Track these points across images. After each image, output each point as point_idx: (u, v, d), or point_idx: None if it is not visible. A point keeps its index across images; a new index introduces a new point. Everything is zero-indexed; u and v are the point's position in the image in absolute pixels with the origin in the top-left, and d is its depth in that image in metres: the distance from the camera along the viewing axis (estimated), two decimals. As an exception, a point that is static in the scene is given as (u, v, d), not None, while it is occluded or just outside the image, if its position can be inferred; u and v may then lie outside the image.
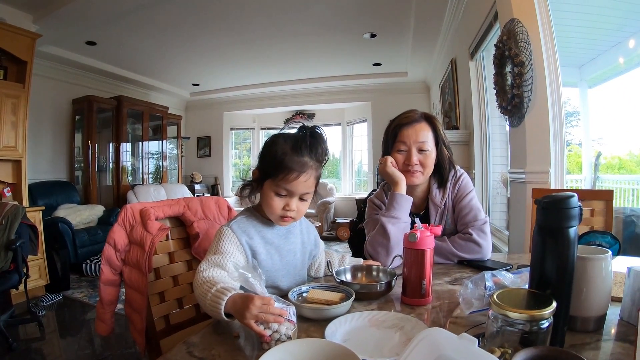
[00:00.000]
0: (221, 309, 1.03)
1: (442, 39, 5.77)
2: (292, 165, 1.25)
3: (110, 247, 1.62)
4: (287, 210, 1.29)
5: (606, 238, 1.73)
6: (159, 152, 8.68)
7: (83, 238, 5.53)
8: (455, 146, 4.42)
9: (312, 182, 1.30)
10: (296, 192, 1.28)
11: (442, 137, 1.82)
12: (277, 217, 1.32)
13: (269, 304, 0.97)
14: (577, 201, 0.86)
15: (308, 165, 1.27)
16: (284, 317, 0.97)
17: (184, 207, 1.77)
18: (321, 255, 1.63)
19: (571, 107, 5.13)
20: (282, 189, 1.27)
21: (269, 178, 1.29)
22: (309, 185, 1.29)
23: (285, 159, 1.25)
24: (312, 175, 1.29)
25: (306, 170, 1.26)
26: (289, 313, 1.00)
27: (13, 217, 3.57)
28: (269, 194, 1.29)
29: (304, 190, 1.29)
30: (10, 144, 4.57)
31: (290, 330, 0.98)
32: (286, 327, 0.98)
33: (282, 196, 1.28)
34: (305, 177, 1.26)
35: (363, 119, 9.52)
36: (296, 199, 1.30)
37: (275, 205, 1.29)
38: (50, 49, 6.02)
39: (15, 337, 3.44)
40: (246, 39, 6.15)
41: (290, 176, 1.24)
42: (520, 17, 2.69)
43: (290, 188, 1.26)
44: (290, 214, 1.30)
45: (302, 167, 1.26)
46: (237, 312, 1.00)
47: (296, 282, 1.44)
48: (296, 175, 1.25)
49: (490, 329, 0.80)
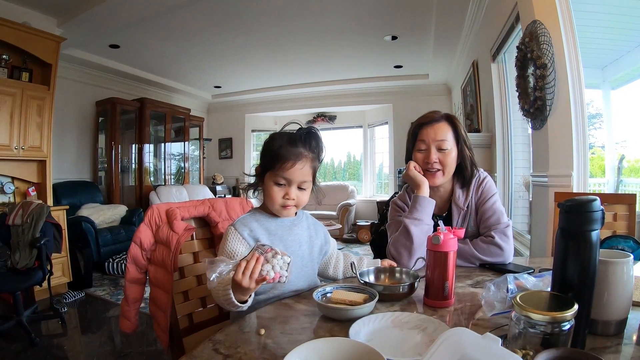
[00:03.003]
0: (231, 295, 1.16)
1: (464, 40, 5.72)
2: (287, 155, 1.35)
3: (137, 246, 1.66)
4: (287, 199, 1.39)
5: (629, 242, 1.72)
6: (181, 153, 8.77)
7: (106, 237, 5.61)
8: (477, 149, 4.40)
9: (308, 171, 1.40)
10: (294, 180, 1.37)
11: (463, 137, 1.82)
12: (279, 206, 1.40)
13: (240, 267, 1.11)
14: (599, 205, 0.87)
15: (303, 155, 1.37)
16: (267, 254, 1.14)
17: (209, 208, 1.81)
18: (334, 252, 1.66)
19: (594, 109, 5.05)
20: (281, 178, 1.37)
21: (269, 171, 1.39)
22: (305, 174, 1.38)
23: (281, 150, 1.36)
24: (307, 164, 1.39)
25: (301, 159, 1.37)
26: (271, 254, 1.14)
27: (38, 215, 3.66)
28: (269, 185, 1.39)
29: (301, 178, 1.38)
30: (35, 144, 4.67)
31: (281, 262, 1.15)
32: (276, 261, 1.14)
33: (281, 185, 1.38)
34: (301, 164, 1.36)
35: (384, 121, 9.48)
36: (295, 187, 1.39)
37: (276, 195, 1.38)
38: (74, 52, 6.12)
39: (38, 333, 3.52)
40: (267, 41, 6.19)
41: (287, 164, 1.35)
42: (542, 18, 2.67)
43: (287, 176, 1.36)
44: (290, 202, 1.39)
45: (297, 156, 1.36)
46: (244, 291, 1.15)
47: (305, 274, 1.48)
48: (292, 163, 1.35)
49: (513, 330, 0.81)
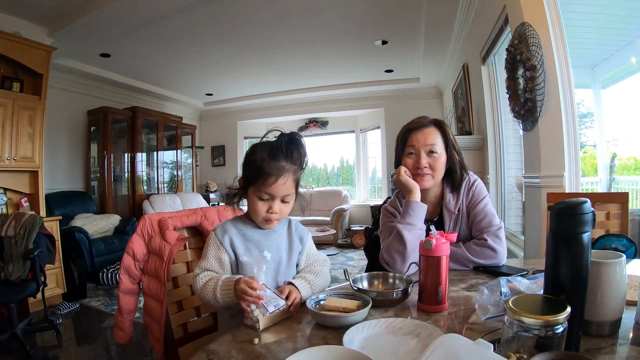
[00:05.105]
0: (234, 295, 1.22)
1: (454, 44, 5.76)
2: (269, 170, 1.34)
3: (129, 257, 1.66)
4: (270, 212, 1.39)
5: (622, 241, 1.73)
6: (174, 161, 8.76)
7: (99, 247, 5.60)
8: (469, 151, 4.42)
9: (291, 185, 1.40)
10: (277, 195, 1.37)
11: (451, 141, 1.83)
12: (262, 219, 1.41)
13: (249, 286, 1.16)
14: (590, 207, 0.87)
15: (285, 169, 1.36)
16: (259, 302, 1.17)
17: (202, 217, 1.80)
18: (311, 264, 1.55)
19: (585, 109, 5.08)
20: (264, 193, 1.37)
21: (251, 185, 1.39)
22: (287, 188, 1.38)
23: (263, 165, 1.35)
24: (289, 178, 1.38)
25: (283, 174, 1.36)
26: (268, 301, 1.18)
27: (31, 226, 3.63)
28: (252, 199, 1.40)
29: (284, 193, 1.38)
30: (27, 155, 4.64)
31: (260, 315, 1.14)
32: (259, 312, 1.15)
33: (265, 200, 1.38)
34: (283, 180, 1.36)
35: (376, 125, 9.52)
36: (278, 201, 1.39)
37: (259, 209, 1.39)
38: (65, 62, 6.11)
39: (33, 345, 3.49)
40: (258, 48, 6.21)
41: (269, 180, 1.34)
42: (531, 20, 2.69)
43: (270, 192, 1.36)
44: (273, 216, 1.40)
45: (279, 171, 1.35)
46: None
47: (285, 278, 1.45)
48: (274, 179, 1.34)
49: (506, 334, 0.81)
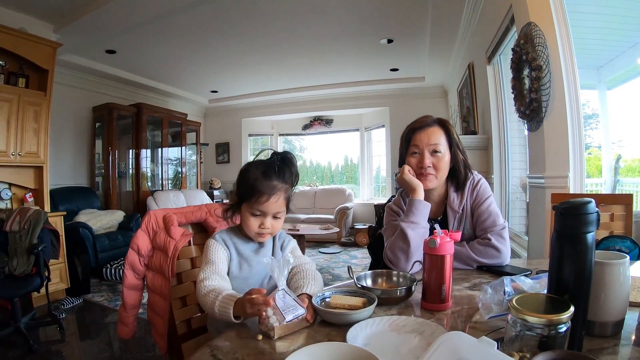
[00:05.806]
0: (230, 313, 1.18)
1: (459, 43, 5.74)
2: (262, 189, 1.40)
3: (134, 252, 1.67)
4: (262, 228, 1.44)
5: (626, 243, 1.72)
6: (178, 158, 8.78)
7: (103, 243, 5.61)
8: (473, 151, 4.41)
9: (282, 202, 1.45)
10: (269, 212, 1.43)
11: (455, 141, 1.83)
12: (255, 234, 1.47)
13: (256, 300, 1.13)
14: (594, 207, 0.87)
15: (277, 188, 1.42)
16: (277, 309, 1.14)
17: (206, 214, 1.81)
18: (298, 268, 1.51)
19: (590, 110, 5.06)
20: (256, 210, 1.42)
21: (245, 201, 1.45)
22: (279, 205, 1.44)
23: (256, 184, 1.41)
24: (281, 196, 1.44)
25: (275, 192, 1.42)
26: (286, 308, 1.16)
27: (35, 222, 3.66)
28: (245, 215, 1.45)
29: (275, 210, 1.44)
30: (32, 150, 4.67)
31: (276, 322, 1.11)
32: (276, 319, 1.12)
33: (257, 216, 1.44)
34: (275, 198, 1.42)
35: (381, 124, 9.48)
36: (270, 217, 1.44)
37: (252, 225, 1.44)
38: (70, 58, 6.13)
39: (36, 340, 3.50)
40: (263, 46, 6.21)
41: (262, 199, 1.40)
42: (537, 20, 2.68)
43: (262, 209, 1.42)
44: (265, 232, 1.46)
45: (271, 190, 1.41)
46: (241, 312, 1.18)
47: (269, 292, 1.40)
48: (266, 197, 1.40)
49: (509, 333, 0.81)
